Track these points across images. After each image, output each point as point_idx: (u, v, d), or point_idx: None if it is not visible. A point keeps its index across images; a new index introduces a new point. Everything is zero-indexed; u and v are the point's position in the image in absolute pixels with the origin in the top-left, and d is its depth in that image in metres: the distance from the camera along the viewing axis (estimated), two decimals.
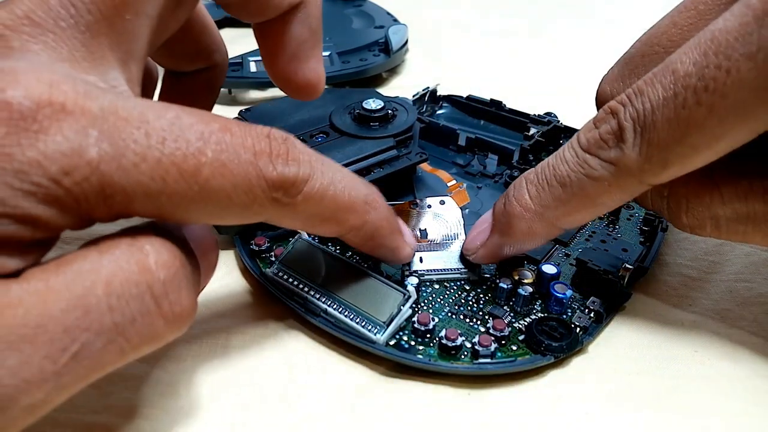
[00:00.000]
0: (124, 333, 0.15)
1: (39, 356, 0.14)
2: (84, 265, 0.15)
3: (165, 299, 0.16)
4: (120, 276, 0.15)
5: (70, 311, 0.14)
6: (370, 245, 0.22)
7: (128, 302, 0.15)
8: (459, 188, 0.29)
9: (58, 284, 0.14)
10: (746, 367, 0.23)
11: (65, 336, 0.14)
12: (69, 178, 0.14)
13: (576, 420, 0.21)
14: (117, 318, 0.15)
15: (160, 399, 0.21)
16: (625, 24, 0.51)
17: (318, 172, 0.18)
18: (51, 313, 0.14)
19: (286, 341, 0.23)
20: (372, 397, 0.21)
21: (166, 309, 0.16)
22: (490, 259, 0.24)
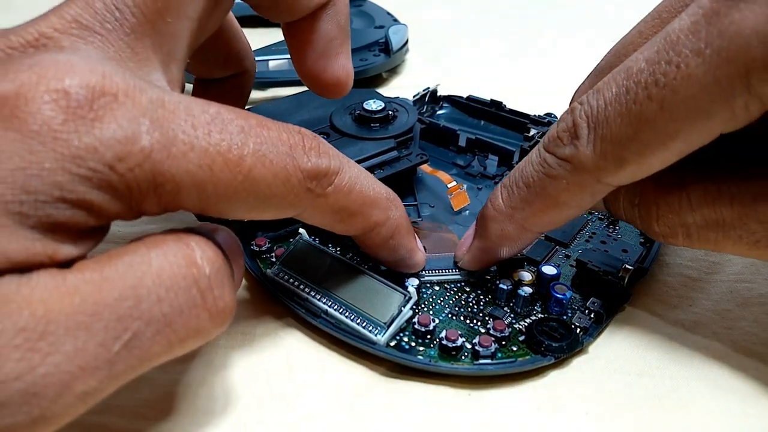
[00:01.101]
0: (172, 324, 0.15)
1: (94, 343, 0.14)
2: (135, 258, 0.15)
3: (210, 293, 0.16)
4: (168, 269, 0.15)
5: (123, 300, 0.15)
6: (390, 245, 0.23)
7: (176, 294, 0.15)
8: (459, 189, 0.29)
9: (111, 274, 0.15)
10: (746, 367, 0.23)
11: (119, 324, 0.15)
12: (123, 164, 0.15)
13: (576, 420, 0.21)
14: (166, 309, 0.15)
15: (159, 400, 0.21)
16: (624, 24, 0.51)
17: (346, 167, 0.19)
18: (106, 302, 0.14)
19: (286, 341, 0.24)
20: (372, 398, 0.21)
21: (210, 303, 0.16)
22: (476, 264, 0.24)
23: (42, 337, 0.14)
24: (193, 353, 0.23)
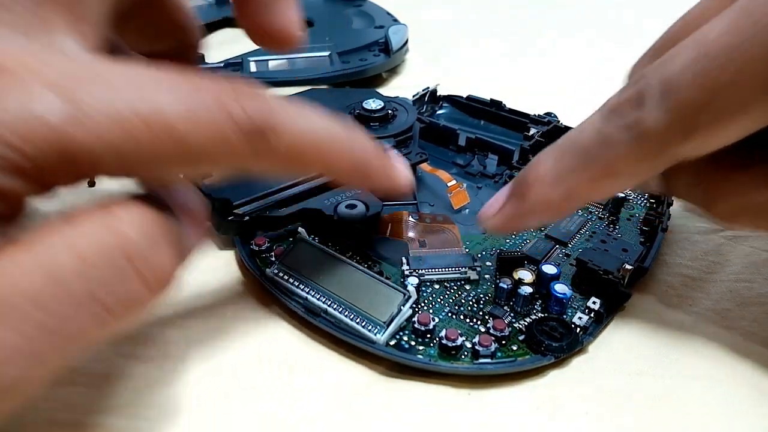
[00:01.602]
0: (101, 301, 0.14)
1: (10, 334, 0.13)
2: (53, 238, 0.14)
3: (141, 260, 0.15)
4: (91, 244, 0.14)
5: (41, 286, 0.14)
6: (364, 182, 0.22)
7: (102, 269, 0.14)
8: (459, 188, 0.29)
9: (26, 260, 0.14)
10: (746, 367, 0.23)
11: (37, 311, 0.14)
12: (29, 144, 0.13)
13: (576, 420, 0.21)
14: (92, 287, 0.14)
15: (158, 399, 0.21)
16: (624, 24, 0.51)
17: (288, 114, 0.17)
18: (20, 290, 0.14)
19: (286, 340, 0.23)
20: (372, 397, 0.21)
21: (144, 270, 0.15)
22: (504, 227, 0.23)
23: None
24: (191, 353, 0.23)
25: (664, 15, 0.31)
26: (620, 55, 0.46)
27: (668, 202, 0.29)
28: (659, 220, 0.28)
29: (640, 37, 0.49)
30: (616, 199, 0.29)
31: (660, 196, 0.29)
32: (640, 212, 0.29)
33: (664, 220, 0.28)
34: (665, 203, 0.29)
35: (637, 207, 0.29)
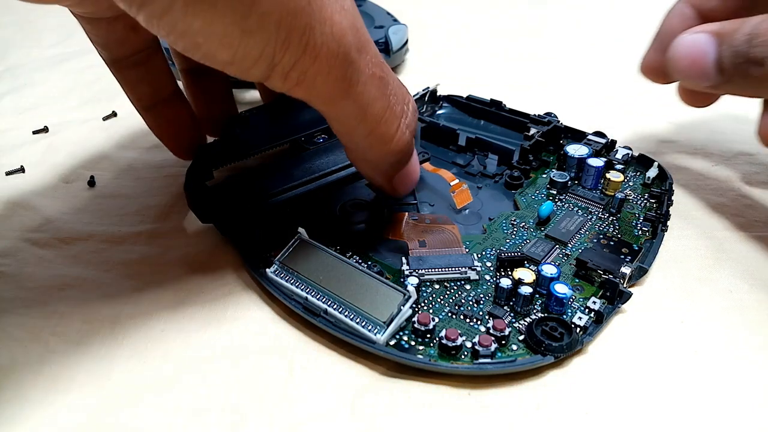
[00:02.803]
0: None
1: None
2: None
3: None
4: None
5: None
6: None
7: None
8: (462, 188, 0.29)
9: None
10: (746, 367, 0.23)
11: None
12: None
13: (576, 420, 0.21)
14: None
15: (158, 399, 0.21)
16: (625, 25, 0.51)
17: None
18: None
19: (286, 341, 0.23)
20: (372, 397, 0.21)
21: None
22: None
23: None
24: (191, 353, 0.23)
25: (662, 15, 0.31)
26: (620, 55, 0.46)
27: (668, 203, 0.29)
28: (659, 220, 0.28)
29: (640, 37, 0.49)
30: (617, 199, 0.29)
31: (660, 196, 0.29)
32: (640, 212, 0.29)
33: (664, 220, 0.28)
34: (665, 203, 0.29)
35: (637, 207, 0.29)
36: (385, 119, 0.23)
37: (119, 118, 0.38)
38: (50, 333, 0.23)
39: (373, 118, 0.22)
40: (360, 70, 0.21)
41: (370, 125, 0.23)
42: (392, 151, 0.24)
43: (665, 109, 0.39)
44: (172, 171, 0.33)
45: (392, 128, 0.23)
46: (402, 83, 0.24)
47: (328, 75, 0.20)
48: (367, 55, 0.21)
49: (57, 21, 0.51)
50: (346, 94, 0.21)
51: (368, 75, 0.21)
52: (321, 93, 0.21)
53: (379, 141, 0.23)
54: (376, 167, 0.25)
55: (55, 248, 0.28)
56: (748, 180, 0.32)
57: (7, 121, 0.38)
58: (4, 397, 0.21)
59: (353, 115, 0.22)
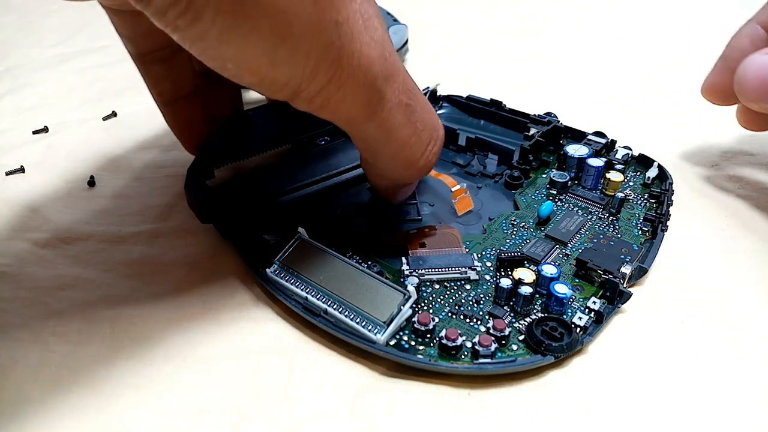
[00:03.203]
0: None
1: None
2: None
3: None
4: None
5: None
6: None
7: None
8: (463, 194, 0.29)
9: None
10: (746, 367, 0.23)
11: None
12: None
13: (576, 420, 0.21)
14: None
15: (158, 400, 0.21)
16: (625, 25, 0.51)
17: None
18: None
19: (287, 341, 0.23)
20: (372, 397, 0.21)
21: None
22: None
23: None
24: (192, 353, 0.23)
25: (663, 15, 0.31)
26: (620, 55, 0.46)
27: (668, 203, 0.29)
28: (659, 220, 0.28)
29: (640, 37, 0.49)
30: (617, 199, 0.29)
31: (660, 196, 0.29)
32: (640, 212, 0.29)
33: (664, 220, 0.28)
34: (665, 203, 0.29)
35: (637, 207, 0.29)
36: (410, 145, 0.23)
37: (119, 118, 0.38)
38: (50, 333, 0.23)
39: (398, 143, 0.23)
40: (385, 98, 0.21)
41: (393, 150, 0.23)
42: (412, 175, 0.24)
43: (665, 109, 0.39)
44: (172, 171, 0.33)
45: (416, 154, 0.23)
46: (433, 110, 0.24)
47: (353, 102, 0.20)
48: (394, 83, 0.21)
49: (57, 21, 0.51)
50: (370, 119, 0.21)
51: (394, 102, 0.21)
52: (344, 116, 0.21)
53: (402, 165, 0.24)
54: (391, 184, 0.26)
55: (55, 248, 0.28)
56: (749, 180, 0.32)
57: (7, 121, 0.38)
58: (4, 397, 0.21)
59: (376, 138, 0.22)
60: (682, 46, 0.47)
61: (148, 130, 0.37)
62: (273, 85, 0.19)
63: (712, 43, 0.48)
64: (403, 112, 0.22)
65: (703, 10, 0.53)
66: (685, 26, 0.50)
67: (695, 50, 0.46)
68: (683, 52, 0.46)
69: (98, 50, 0.46)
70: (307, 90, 0.19)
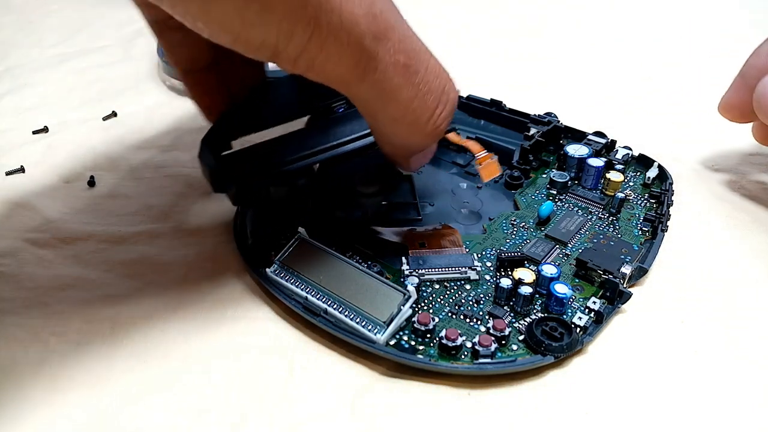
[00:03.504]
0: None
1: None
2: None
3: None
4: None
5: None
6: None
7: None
8: (490, 159, 0.27)
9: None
10: (746, 367, 0.23)
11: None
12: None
13: (576, 420, 0.21)
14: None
15: (158, 399, 0.21)
16: (625, 25, 0.51)
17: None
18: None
19: (286, 341, 0.23)
20: (372, 397, 0.21)
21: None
22: None
23: None
24: (192, 353, 0.23)
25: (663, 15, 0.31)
26: (620, 55, 0.46)
27: (668, 203, 0.29)
28: (659, 220, 0.28)
29: (640, 37, 0.49)
30: (617, 199, 0.29)
31: (660, 196, 0.29)
32: (640, 212, 0.29)
33: (664, 220, 0.28)
34: (665, 203, 0.29)
35: (637, 207, 0.29)
36: (412, 109, 0.22)
37: (119, 118, 0.38)
38: (50, 333, 0.23)
39: (397, 106, 0.21)
40: (377, 58, 0.20)
41: (393, 113, 0.22)
42: (419, 141, 0.23)
43: (665, 109, 0.39)
44: (172, 171, 0.33)
45: (421, 118, 0.22)
46: (443, 73, 0.23)
47: (339, 62, 0.20)
48: (387, 41, 0.20)
49: (57, 21, 0.51)
50: (361, 80, 0.20)
51: (389, 63, 0.20)
52: (334, 78, 0.20)
53: (405, 129, 0.23)
54: (400, 150, 0.24)
55: (55, 248, 0.28)
56: (749, 180, 0.32)
57: (7, 121, 0.38)
58: (4, 397, 0.21)
59: (373, 100, 0.21)
60: (682, 46, 0.47)
61: (148, 130, 0.37)
62: (248, 45, 0.19)
63: (712, 43, 0.48)
64: (400, 73, 0.21)
65: (703, 10, 0.53)
66: (685, 26, 0.50)
67: (695, 50, 0.46)
68: (683, 52, 0.46)
69: (98, 50, 0.46)
70: (285, 51, 0.19)
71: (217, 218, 0.29)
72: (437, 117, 0.22)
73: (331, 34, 0.19)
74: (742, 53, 0.31)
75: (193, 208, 0.30)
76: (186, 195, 0.31)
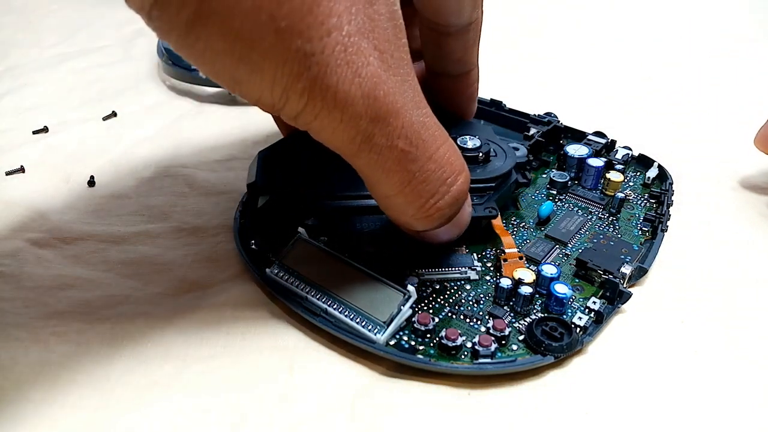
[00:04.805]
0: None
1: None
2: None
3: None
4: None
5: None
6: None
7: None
8: (517, 259, 0.25)
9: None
10: (746, 367, 0.23)
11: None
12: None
13: (576, 420, 0.21)
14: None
15: (158, 399, 0.21)
16: (625, 25, 0.51)
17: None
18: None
19: (286, 341, 0.23)
20: (372, 397, 0.21)
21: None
22: None
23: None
24: (192, 353, 0.23)
25: (663, 15, 0.31)
26: (620, 55, 0.46)
27: (668, 203, 0.29)
28: (659, 220, 0.28)
29: (640, 37, 0.49)
30: (617, 199, 0.29)
31: (660, 196, 0.29)
32: (640, 212, 0.29)
33: (664, 220, 0.28)
34: (665, 203, 0.29)
35: (637, 207, 0.29)
36: (404, 193, 0.21)
37: (119, 118, 0.38)
38: (50, 333, 0.23)
39: (390, 187, 0.21)
40: (372, 140, 0.19)
41: (385, 191, 0.21)
42: (413, 223, 0.22)
43: (665, 109, 0.39)
44: (172, 171, 0.33)
45: (411, 206, 0.21)
46: (450, 165, 0.21)
47: (333, 135, 0.19)
48: (387, 126, 0.19)
49: (57, 21, 0.51)
50: (356, 157, 0.20)
51: (386, 146, 0.20)
52: (330, 144, 0.20)
53: (397, 210, 0.22)
54: (399, 224, 0.23)
55: (55, 248, 0.28)
56: (749, 180, 0.32)
57: (7, 121, 0.38)
58: (5, 397, 0.21)
59: (365, 175, 0.21)
60: (682, 46, 0.47)
61: (148, 130, 0.37)
62: (248, 98, 0.19)
63: (712, 43, 0.48)
64: (395, 158, 0.20)
65: (703, 10, 0.53)
66: (685, 26, 0.50)
67: (695, 50, 0.46)
68: (683, 52, 0.46)
69: (98, 50, 0.46)
70: (283, 112, 0.19)
71: (217, 218, 0.29)
72: (430, 206, 0.21)
73: (327, 110, 0.18)
74: (742, 53, 0.31)
75: (193, 208, 0.30)
76: (186, 195, 0.31)
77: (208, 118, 0.38)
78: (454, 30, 0.25)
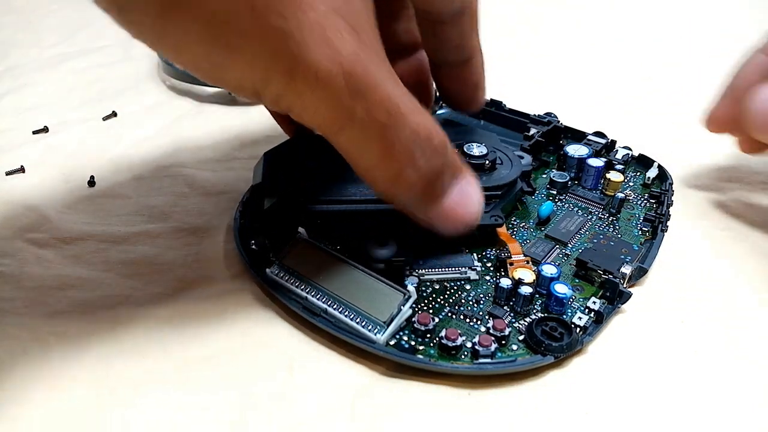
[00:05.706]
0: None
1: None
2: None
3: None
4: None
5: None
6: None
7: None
8: (524, 264, 0.26)
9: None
10: (746, 367, 0.23)
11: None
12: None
13: (576, 420, 0.21)
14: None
15: (158, 399, 0.21)
16: (625, 25, 0.51)
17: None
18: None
19: (286, 341, 0.23)
20: (372, 398, 0.21)
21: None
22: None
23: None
24: (192, 353, 0.23)
25: (663, 15, 0.31)
26: (620, 55, 0.46)
27: (668, 203, 0.29)
28: (659, 220, 0.28)
29: (640, 37, 0.49)
30: (617, 199, 0.29)
31: (660, 196, 0.29)
32: (640, 212, 0.29)
33: (664, 220, 0.28)
34: (665, 203, 0.29)
35: (637, 207, 0.29)
36: (384, 162, 0.21)
37: (119, 118, 0.38)
38: (50, 333, 0.23)
39: (369, 160, 0.21)
40: (355, 116, 0.19)
41: (364, 165, 0.21)
42: (394, 194, 0.22)
43: (665, 109, 0.39)
44: (172, 171, 0.33)
45: (386, 174, 0.21)
46: (431, 127, 0.21)
47: (315, 113, 0.20)
48: (368, 101, 0.19)
49: (57, 21, 0.51)
50: (338, 134, 0.20)
51: (367, 120, 0.20)
52: (313, 125, 0.20)
53: (378, 181, 0.22)
54: (388, 199, 0.23)
55: (55, 248, 0.28)
56: (749, 180, 0.32)
57: (7, 121, 0.38)
58: (4, 396, 0.21)
59: (348, 151, 0.21)
60: (682, 46, 0.47)
61: (148, 130, 0.37)
62: (226, 86, 0.19)
63: (712, 43, 0.48)
64: (376, 130, 0.20)
65: (703, 10, 0.53)
66: (685, 26, 0.50)
67: (695, 50, 0.47)
68: (683, 52, 0.46)
69: (98, 50, 0.46)
70: (264, 94, 0.19)
71: (217, 218, 0.29)
72: (414, 170, 0.21)
73: (309, 87, 0.19)
74: (742, 53, 0.31)
75: (193, 208, 0.30)
76: (186, 195, 0.31)
77: (208, 118, 0.38)
78: (448, 17, 0.26)
